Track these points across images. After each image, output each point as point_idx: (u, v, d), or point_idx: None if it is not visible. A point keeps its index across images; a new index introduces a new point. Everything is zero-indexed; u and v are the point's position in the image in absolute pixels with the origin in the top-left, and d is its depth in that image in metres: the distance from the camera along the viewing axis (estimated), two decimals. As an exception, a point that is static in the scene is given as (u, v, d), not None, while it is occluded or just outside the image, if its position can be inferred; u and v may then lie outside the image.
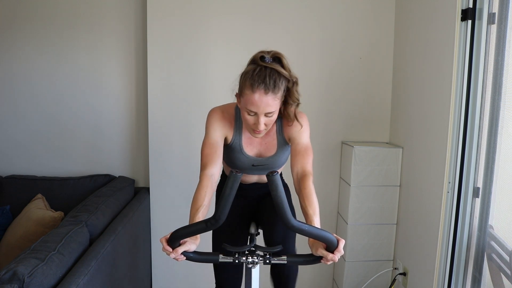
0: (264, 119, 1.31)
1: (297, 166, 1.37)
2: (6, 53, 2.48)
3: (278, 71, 1.27)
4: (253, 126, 1.34)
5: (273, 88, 1.26)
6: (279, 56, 1.31)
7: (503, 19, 1.58)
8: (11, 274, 1.18)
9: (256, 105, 1.27)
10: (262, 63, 1.27)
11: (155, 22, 2.35)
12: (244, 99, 1.30)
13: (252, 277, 1.32)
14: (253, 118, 1.32)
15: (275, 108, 1.30)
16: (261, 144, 1.50)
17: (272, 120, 1.34)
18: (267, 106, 1.27)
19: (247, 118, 1.33)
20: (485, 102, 1.70)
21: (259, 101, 1.26)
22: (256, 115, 1.30)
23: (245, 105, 1.31)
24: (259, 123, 1.31)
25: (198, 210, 1.23)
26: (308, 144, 1.42)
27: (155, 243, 2.54)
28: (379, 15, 2.44)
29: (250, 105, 1.28)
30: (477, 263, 1.76)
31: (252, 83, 1.26)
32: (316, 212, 1.23)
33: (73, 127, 2.55)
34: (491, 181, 1.66)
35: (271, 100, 1.27)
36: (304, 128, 1.43)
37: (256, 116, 1.31)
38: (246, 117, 1.33)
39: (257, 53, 1.31)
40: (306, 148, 1.40)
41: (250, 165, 1.51)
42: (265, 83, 1.24)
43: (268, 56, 1.29)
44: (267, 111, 1.29)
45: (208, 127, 1.43)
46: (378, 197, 2.36)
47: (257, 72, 1.26)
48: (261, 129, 1.33)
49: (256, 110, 1.28)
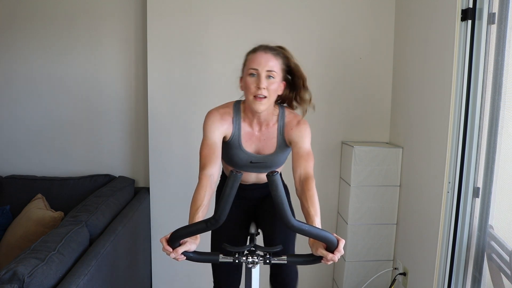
0: (265, 82, 1.36)
1: (300, 169, 1.39)
2: (6, 53, 2.48)
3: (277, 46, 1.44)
4: (255, 90, 1.37)
5: (273, 50, 1.40)
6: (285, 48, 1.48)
7: (503, 19, 1.58)
8: (11, 274, 1.18)
9: (257, 61, 1.37)
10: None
11: (155, 22, 2.35)
12: (247, 64, 1.41)
13: (252, 277, 1.33)
14: (255, 79, 1.37)
15: (276, 68, 1.38)
16: (260, 140, 1.51)
17: (273, 88, 1.38)
18: (268, 62, 1.36)
19: (249, 81, 1.38)
20: (485, 102, 1.70)
21: (259, 56, 1.37)
22: (258, 75, 1.36)
23: (247, 68, 1.39)
24: (260, 81, 1.35)
25: (197, 210, 1.24)
26: (310, 150, 1.46)
27: (155, 243, 2.54)
28: (379, 15, 2.44)
29: (252, 63, 1.38)
30: (477, 263, 1.76)
31: (254, 49, 1.42)
32: (318, 213, 1.25)
33: (73, 127, 2.55)
34: (491, 181, 1.66)
35: (271, 58, 1.38)
36: (306, 134, 1.46)
37: (257, 77, 1.36)
38: (248, 82, 1.38)
39: None
40: (308, 153, 1.43)
41: (248, 162, 1.52)
42: (265, 46, 1.41)
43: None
44: (268, 68, 1.36)
45: (205, 129, 1.45)
46: (378, 197, 2.36)
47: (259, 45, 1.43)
48: (262, 88, 1.36)
49: (257, 67, 1.36)
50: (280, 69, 1.40)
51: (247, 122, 1.50)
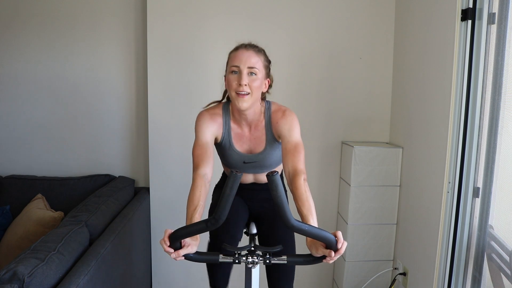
0: (247, 78, 1.35)
1: (288, 166, 1.35)
2: (6, 54, 2.48)
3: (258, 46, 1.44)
4: (237, 87, 1.35)
5: (254, 47, 1.40)
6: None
7: (503, 19, 1.58)
8: (11, 274, 1.18)
9: (238, 58, 1.36)
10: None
11: (155, 22, 2.35)
12: (229, 63, 1.40)
13: (252, 277, 1.33)
14: (237, 76, 1.36)
15: (257, 66, 1.37)
16: (251, 140, 1.51)
17: (256, 85, 1.37)
18: (249, 58, 1.35)
19: (231, 79, 1.37)
20: (485, 102, 1.70)
21: (241, 54, 1.37)
22: (239, 73, 1.35)
23: (229, 65, 1.39)
24: (242, 78, 1.34)
25: (195, 210, 1.24)
26: (298, 141, 1.40)
27: (155, 243, 2.54)
28: (379, 15, 2.44)
29: (233, 60, 1.37)
30: (477, 263, 1.76)
31: (235, 47, 1.42)
32: (311, 212, 1.20)
33: (73, 127, 2.55)
34: (491, 181, 1.66)
35: (253, 54, 1.37)
36: (293, 126, 1.42)
37: (239, 74, 1.35)
38: (230, 79, 1.38)
39: None
40: (296, 145, 1.38)
41: (241, 162, 1.52)
42: (247, 44, 1.41)
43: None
44: (250, 65, 1.35)
45: (197, 130, 1.45)
46: (378, 197, 2.36)
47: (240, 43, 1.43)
48: (244, 87, 1.34)
49: (238, 64, 1.35)
50: (262, 66, 1.39)
51: (236, 123, 1.49)
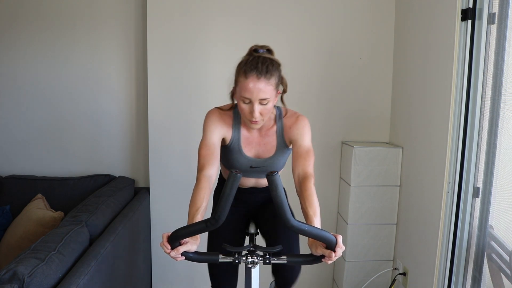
0: (259, 107, 1.32)
1: (299, 168, 1.37)
2: (6, 54, 2.48)
3: (270, 58, 1.34)
4: (249, 116, 1.34)
5: (265, 73, 1.30)
6: (272, 49, 1.41)
7: (503, 19, 1.58)
8: (11, 274, 1.18)
9: (249, 91, 1.29)
10: (256, 53, 1.36)
11: (155, 23, 2.35)
12: (239, 87, 1.33)
13: (252, 277, 1.32)
14: (248, 106, 1.33)
15: (269, 95, 1.31)
16: (260, 145, 1.50)
17: (268, 109, 1.35)
18: (260, 92, 1.29)
19: (242, 107, 1.35)
20: (485, 102, 1.70)
21: (252, 86, 1.29)
22: (250, 103, 1.32)
23: (240, 93, 1.33)
24: (253, 110, 1.32)
25: (197, 211, 1.23)
26: (310, 147, 1.43)
27: (155, 243, 2.54)
28: (379, 15, 2.44)
29: (244, 91, 1.30)
30: (477, 263, 1.76)
31: (245, 69, 1.31)
32: (317, 213, 1.24)
33: (73, 127, 2.55)
34: (491, 181, 1.66)
35: (264, 86, 1.29)
36: (306, 131, 1.44)
37: (251, 104, 1.32)
38: (241, 107, 1.35)
39: (251, 46, 1.40)
40: (308, 151, 1.41)
41: (248, 166, 1.51)
42: (257, 69, 1.29)
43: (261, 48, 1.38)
44: (261, 97, 1.30)
45: (205, 129, 1.43)
46: (378, 197, 2.36)
47: (250, 60, 1.32)
48: (256, 117, 1.33)
49: (249, 97, 1.30)
50: (273, 90, 1.33)
51: (245, 127, 1.48)
